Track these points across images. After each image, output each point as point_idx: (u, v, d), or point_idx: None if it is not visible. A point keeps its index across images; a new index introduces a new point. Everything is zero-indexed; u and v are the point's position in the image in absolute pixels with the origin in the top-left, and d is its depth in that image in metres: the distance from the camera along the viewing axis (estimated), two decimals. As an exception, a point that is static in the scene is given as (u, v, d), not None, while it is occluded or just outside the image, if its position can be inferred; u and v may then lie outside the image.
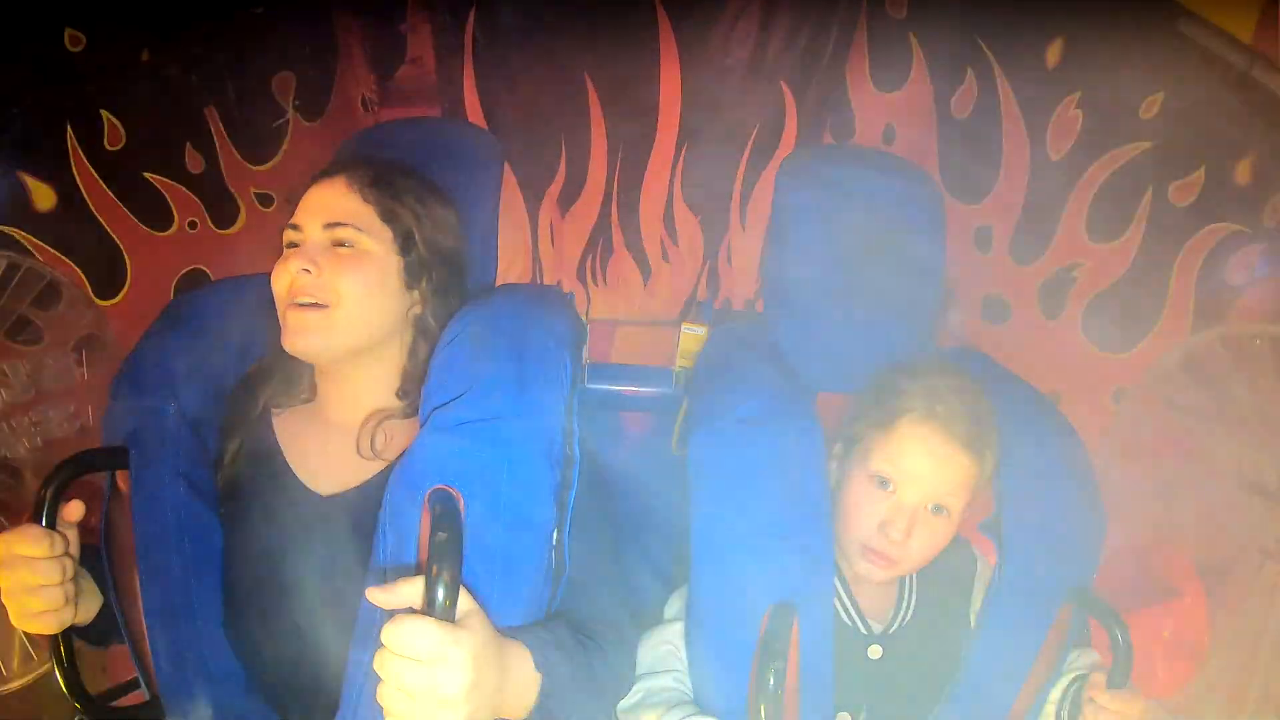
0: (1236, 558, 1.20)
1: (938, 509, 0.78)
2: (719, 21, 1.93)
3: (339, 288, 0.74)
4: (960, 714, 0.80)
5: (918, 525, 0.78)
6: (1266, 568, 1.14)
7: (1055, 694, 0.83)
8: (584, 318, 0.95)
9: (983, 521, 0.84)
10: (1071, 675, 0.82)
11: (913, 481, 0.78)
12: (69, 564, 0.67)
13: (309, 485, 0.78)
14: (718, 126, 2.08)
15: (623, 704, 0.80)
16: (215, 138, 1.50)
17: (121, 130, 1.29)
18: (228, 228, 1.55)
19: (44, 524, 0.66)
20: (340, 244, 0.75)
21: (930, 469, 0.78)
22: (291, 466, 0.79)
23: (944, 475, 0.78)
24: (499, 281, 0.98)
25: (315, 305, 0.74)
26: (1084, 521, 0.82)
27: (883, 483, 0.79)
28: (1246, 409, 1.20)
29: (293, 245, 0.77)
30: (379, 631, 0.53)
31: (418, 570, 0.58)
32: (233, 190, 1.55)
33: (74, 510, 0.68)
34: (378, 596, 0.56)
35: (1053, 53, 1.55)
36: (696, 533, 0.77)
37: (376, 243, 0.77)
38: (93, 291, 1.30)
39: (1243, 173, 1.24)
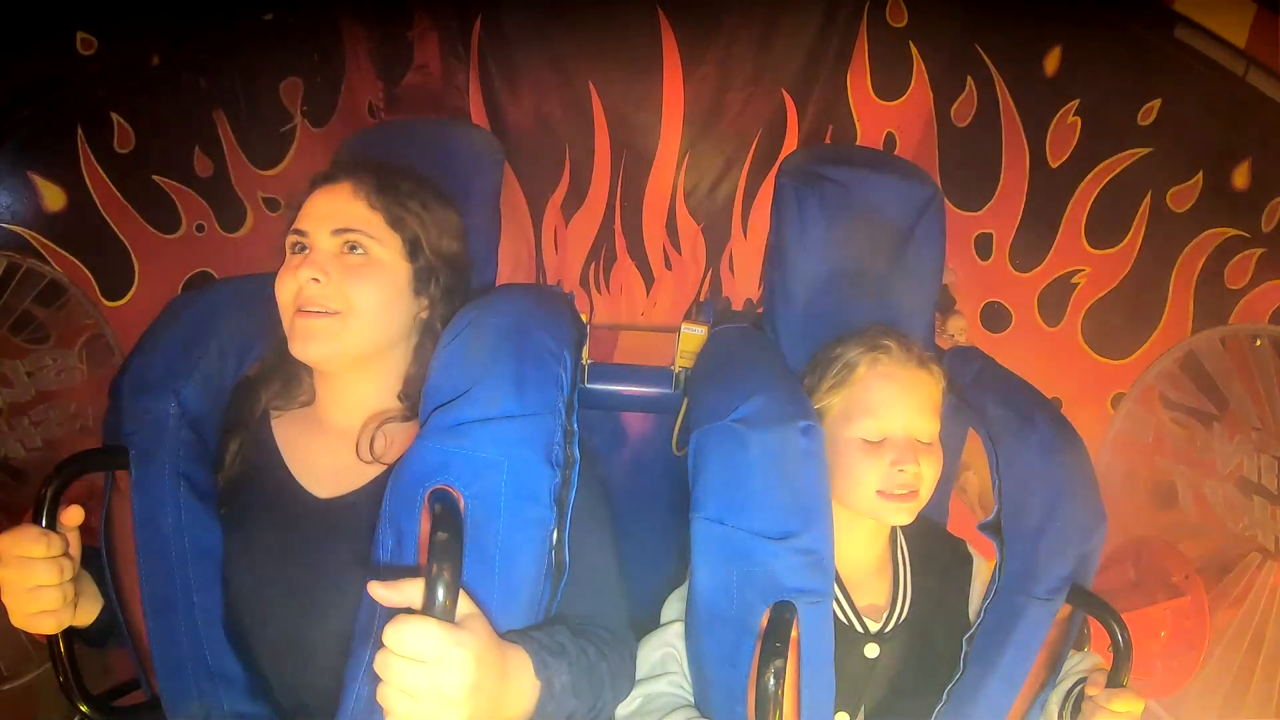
0: (1236, 558, 1.21)
1: (924, 436, 0.80)
2: (721, 31, 1.96)
3: (350, 296, 0.74)
4: (960, 714, 0.80)
5: (919, 453, 0.79)
6: (1266, 567, 1.14)
7: (1057, 696, 0.83)
8: (587, 324, 0.94)
9: (983, 522, 0.84)
10: (1074, 678, 0.82)
11: (896, 414, 0.80)
12: (68, 565, 0.66)
13: (308, 489, 0.77)
14: (720, 135, 2.11)
15: (621, 710, 0.80)
16: (224, 142, 1.51)
17: (131, 133, 1.30)
18: (235, 231, 1.56)
19: (44, 525, 0.65)
20: (350, 249, 0.75)
21: (904, 395, 0.81)
22: (291, 470, 0.78)
23: (917, 396, 0.81)
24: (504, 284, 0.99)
25: (325, 313, 0.73)
26: (1084, 521, 0.81)
27: (871, 430, 0.81)
28: (1246, 409, 1.21)
29: (298, 250, 0.77)
30: (379, 632, 0.53)
31: (417, 571, 0.58)
32: (240, 194, 1.57)
33: (74, 515, 0.67)
34: (379, 590, 0.56)
35: (1051, 61, 1.56)
36: (696, 533, 0.77)
37: (386, 250, 0.77)
38: (100, 292, 1.31)
39: (1240, 177, 1.25)
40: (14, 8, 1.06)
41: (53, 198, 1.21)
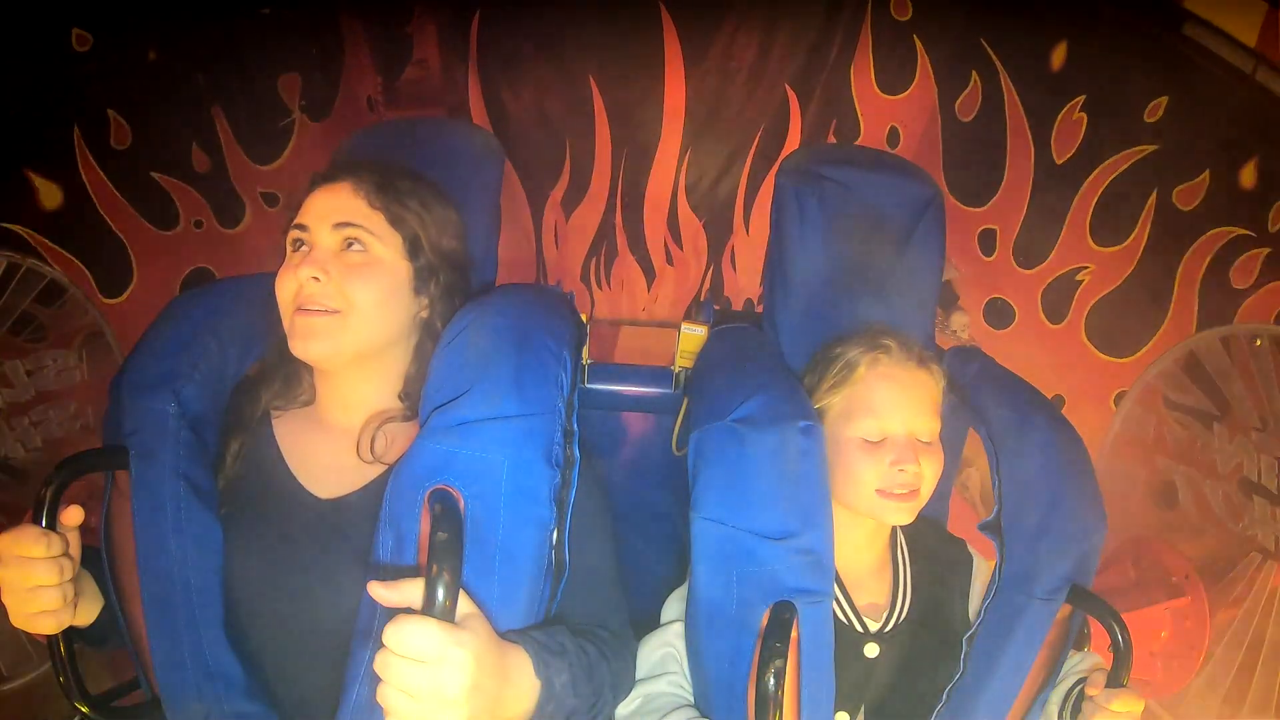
0: (1236, 558, 1.21)
1: (924, 436, 0.81)
2: (723, 25, 1.94)
3: (350, 294, 0.73)
4: (960, 714, 0.80)
5: (919, 452, 0.79)
6: (1266, 567, 1.14)
7: (1057, 696, 0.83)
8: (587, 319, 0.94)
9: (983, 521, 0.84)
10: (1074, 678, 0.82)
11: (896, 413, 0.81)
12: (68, 565, 0.66)
13: (309, 489, 0.77)
14: (722, 130, 2.10)
15: (621, 710, 0.80)
16: (221, 137, 1.51)
17: (128, 129, 1.30)
18: (233, 227, 1.56)
19: (44, 525, 0.65)
20: (350, 247, 0.75)
21: (904, 395, 0.81)
22: (291, 470, 0.78)
23: (917, 396, 0.81)
24: (503, 283, 0.98)
25: (325, 311, 0.73)
26: (1084, 521, 0.81)
27: (871, 430, 0.80)
28: (1247, 409, 1.21)
29: (298, 247, 0.77)
30: (379, 632, 0.53)
31: (417, 571, 0.58)
32: (238, 190, 1.56)
33: (74, 515, 0.67)
34: (378, 590, 0.56)
35: (1057, 56, 1.55)
36: (696, 533, 0.76)
37: (386, 248, 0.76)
38: (98, 290, 1.31)
39: (1247, 176, 1.24)
40: (8, 5, 1.06)
41: (49, 195, 1.21)
